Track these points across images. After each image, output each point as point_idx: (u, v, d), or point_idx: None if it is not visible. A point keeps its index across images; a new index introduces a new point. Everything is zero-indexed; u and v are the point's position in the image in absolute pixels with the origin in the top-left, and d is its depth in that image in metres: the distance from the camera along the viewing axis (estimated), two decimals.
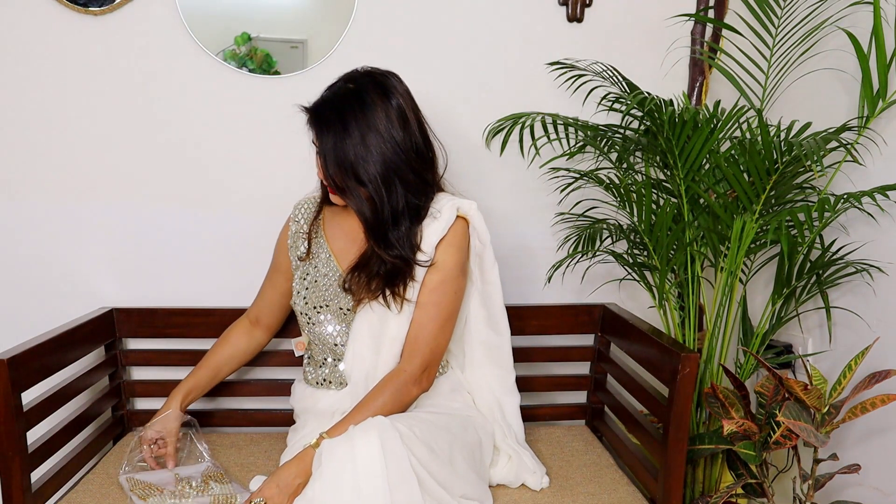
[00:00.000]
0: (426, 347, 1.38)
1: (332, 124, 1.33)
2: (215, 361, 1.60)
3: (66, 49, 1.71)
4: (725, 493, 1.47)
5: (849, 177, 1.57)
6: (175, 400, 1.52)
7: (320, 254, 1.48)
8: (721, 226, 1.56)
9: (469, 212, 1.42)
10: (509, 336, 1.54)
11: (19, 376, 1.32)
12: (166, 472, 1.43)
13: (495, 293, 1.51)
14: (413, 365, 1.37)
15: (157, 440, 1.47)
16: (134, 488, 1.37)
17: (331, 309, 1.43)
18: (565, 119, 1.67)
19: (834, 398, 1.41)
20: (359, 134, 1.31)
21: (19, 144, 1.74)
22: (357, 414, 1.30)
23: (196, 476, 1.42)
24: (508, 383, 1.55)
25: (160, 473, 1.43)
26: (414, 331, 1.38)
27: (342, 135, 1.32)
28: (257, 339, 1.64)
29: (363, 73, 1.39)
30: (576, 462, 1.60)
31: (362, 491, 1.13)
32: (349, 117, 1.32)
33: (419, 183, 1.37)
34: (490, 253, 1.48)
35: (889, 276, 1.49)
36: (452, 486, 1.25)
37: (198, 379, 1.57)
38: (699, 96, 1.86)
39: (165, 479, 1.40)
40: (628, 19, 1.85)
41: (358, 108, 1.32)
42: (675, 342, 1.47)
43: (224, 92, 1.77)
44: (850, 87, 1.59)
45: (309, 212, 1.54)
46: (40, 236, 1.78)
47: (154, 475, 1.42)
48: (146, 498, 1.34)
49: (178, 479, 1.40)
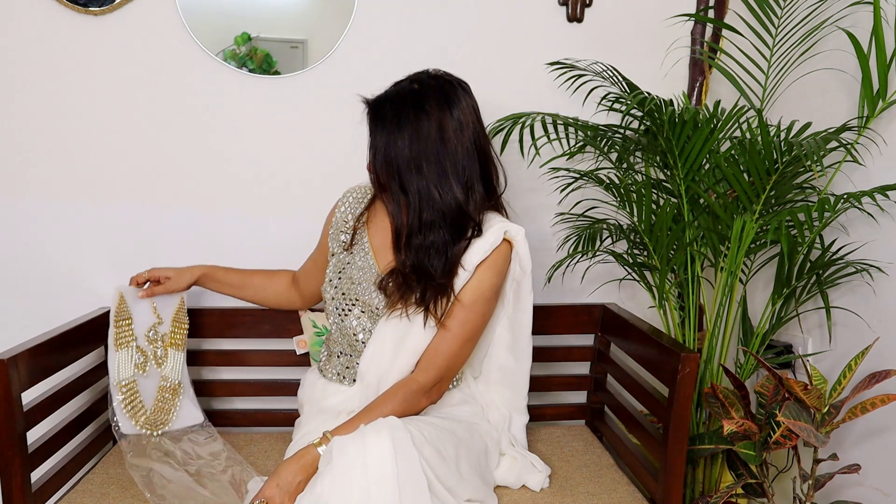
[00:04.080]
0: (444, 363, 1.37)
1: (387, 122, 1.32)
2: (249, 276, 1.65)
3: (66, 49, 1.71)
4: (725, 493, 1.46)
5: (849, 177, 1.57)
6: (197, 268, 1.60)
7: (360, 247, 1.47)
8: (721, 226, 1.56)
9: (516, 237, 1.40)
10: (529, 364, 1.53)
11: (19, 376, 1.32)
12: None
13: (525, 320, 1.49)
14: (427, 377, 1.36)
15: (160, 277, 1.57)
16: (117, 335, 1.56)
17: (361, 303, 1.42)
18: (565, 119, 1.67)
19: (834, 398, 1.41)
20: (408, 139, 1.30)
21: (19, 144, 1.74)
22: (365, 415, 1.30)
23: (166, 327, 1.60)
24: (519, 406, 1.56)
25: (139, 322, 1.59)
26: (435, 343, 1.37)
27: (395, 135, 1.31)
28: (291, 295, 1.67)
29: (432, 77, 1.37)
30: (576, 462, 1.60)
31: (371, 490, 1.13)
32: (404, 119, 1.31)
33: (464, 201, 1.34)
34: (529, 281, 1.46)
35: (889, 276, 1.49)
36: (458, 490, 1.25)
37: (226, 272, 1.63)
38: (699, 96, 1.86)
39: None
40: (628, 19, 1.85)
41: (413, 113, 1.31)
42: (675, 342, 1.47)
43: (224, 92, 1.77)
44: (850, 87, 1.59)
45: (357, 202, 1.52)
46: (40, 236, 1.78)
47: (136, 322, 1.59)
48: (120, 347, 1.56)
49: (154, 309, 1.60)
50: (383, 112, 1.33)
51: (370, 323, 1.42)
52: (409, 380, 1.36)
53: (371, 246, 1.46)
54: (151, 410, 1.55)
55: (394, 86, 1.38)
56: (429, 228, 1.33)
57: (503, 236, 1.38)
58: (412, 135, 1.31)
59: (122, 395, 1.53)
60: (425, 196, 1.32)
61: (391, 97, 1.35)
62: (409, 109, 1.31)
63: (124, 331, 1.56)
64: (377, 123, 1.34)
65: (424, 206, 1.32)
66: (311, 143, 1.82)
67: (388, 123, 1.32)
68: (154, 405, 1.56)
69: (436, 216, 1.33)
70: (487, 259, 1.36)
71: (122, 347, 1.55)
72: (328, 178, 1.82)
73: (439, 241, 1.33)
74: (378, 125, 1.33)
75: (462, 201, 1.33)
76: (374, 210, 1.51)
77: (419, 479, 1.17)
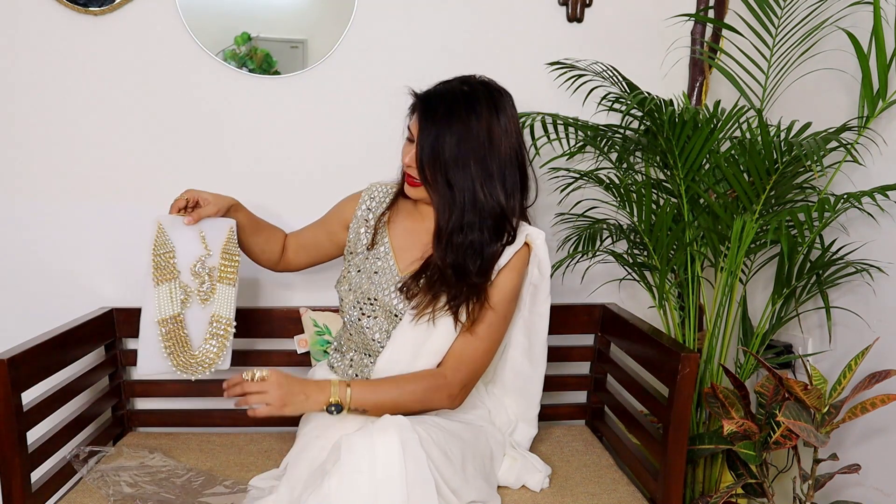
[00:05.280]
0: (471, 365, 1.37)
1: (437, 117, 1.32)
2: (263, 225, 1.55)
3: (66, 49, 1.71)
4: (725, 493, 1.47)
5: (849, 177, 1.57)
6: (230, 197, 1.47)
7: (381, 247, 1.46)
8: (721, 226, 1.56)
9: (536, 240, 1.41)
10: (544, 370, 1.55)
11: (19, 376, 1.32)
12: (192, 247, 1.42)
13: (542, 325, 1.50)
14: (456, 376, 1.35)
15: (199, 199, 1.42)
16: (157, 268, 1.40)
17: (379, 304, 1.41)
18: (565, 119, 1.67)
19: (834, 398, 1.41)
20: (458, 136, 1.31)
21: (19, 144, 1.74)
22: (387, 385, 1.30)
23: (215, 260, 1.44)
24: (529, 416, 1.57)
25: (184, 254, 1.43)
26: (462, 345, 1.36)
27: (445, 130, 1.31)
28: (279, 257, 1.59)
29: (480, 82, 1.38)
30: (576, 462, 1.60)
31: (379, 490, 1.13)
32: (456, 117, 1.31)
33: (505, 205, 1.35)
34: (547, 286, 1.47)
35: (889, 276, 1.49)
36: (463, 493, 1.25)
37: (249, 211, 1.52)
38: (699, 96, 1.86)
39: (187, 259, 1.42)
40: (628, 19, 1.85)
41: (465, 112, 1.31)
42: (675, 342, 1.47)
43: (224, 92, 1.77)
44: (850, 87, 1.59)
45: (380, 200, 1.51)
46: (40, 236, 1.78)
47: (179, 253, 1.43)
48: (160, 282, 1.40)
49: (203, 239, 1.43)
50: (434, 106, 1.33)
51: (387, 324, 1.41)
52: (439, 373, 1.36)
53: (392, 247, 1.46)
54: (199, 350, 1.43)
55: (442, 84, 1.38)
56: (470, 228, 1.34)
57: (524, 240, 1.39)
58: (462, 133, 1.31)
59: (163, 331, 1.40)
60: (470, 195, 1.32)
61: (442, 93, 1.35)
62: (460, 107, 1.32)
63: (166, 263, 1.41)
64: (427, 116, 1.33)
65: (469, 204, 1.33)
66: (311, 142, 1.82)
67: (440, 118, 1.32)
68: (202, 344, 1.44)
69: (478, 216, 1.33)
70: (509, 262, 1.37)
71: (162, 282, 1.40)
72: (328, 177, 1.82)
73: (478, 242, 1.34)
74: (428, 118, 1.33)
75: (504, 205, 1.35)
76: (397, 210, 1.50)
77: (427, 480, 1.17)
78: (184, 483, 1.44)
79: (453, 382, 1.35)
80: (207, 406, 1.79)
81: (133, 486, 1.40)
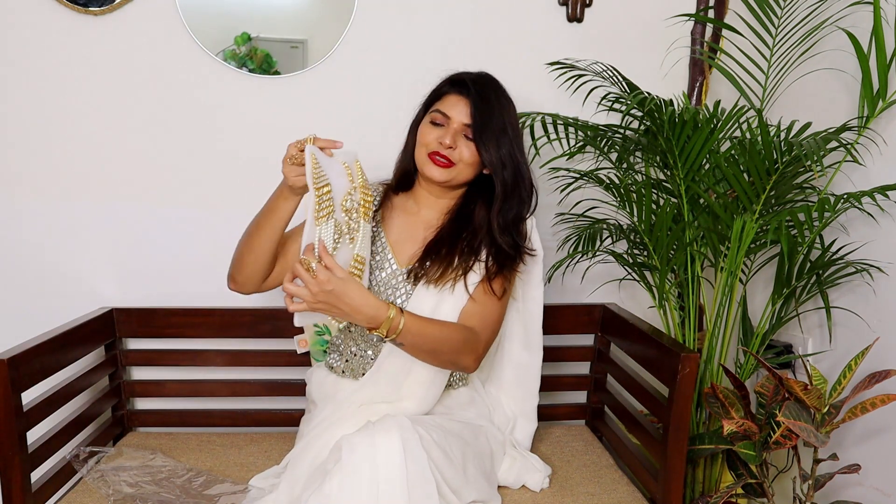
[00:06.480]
0: (492, 326, 1.41)
1: (490, 96, 1.38)
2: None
3: (66, 49, 1.71)
4: (725, 493, 1.47)
5: (849, 177, 1.57)
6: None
7: (376, 245, 1.46)
8: (721, 226, 1.56)
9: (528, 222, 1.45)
10: (541, 358, 1.57)
11: (19, 376, 1.32)
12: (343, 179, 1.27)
13: (536, 310, 1.54)
14: (482, 336, 1.38)
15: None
16: (320, 204, 1.20)
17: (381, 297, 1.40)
18: (565, 119, 1.67)
19: (834, 398, 1.41)
20: (511, 115, 1.40)
21: (19, 144, 1.74)
22: (434, 325, 1.30)
23: (357, 195, 1.30)
24: (528, 408, 1.58)
25: (337, 188, 1.25)
26: (483, 304, 1.38)
27: (499, 110, 1.38)
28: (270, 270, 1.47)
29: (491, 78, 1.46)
30: (576, 462, 1.60)
31: (381, 490, 1.13)
32: (502, 98, 1.40)
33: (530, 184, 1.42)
34: (539, 270, 1.51)
35: (889, 276, 1.49)
36: (463, 493, 1.25)
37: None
38: (699, 96, 1.86)
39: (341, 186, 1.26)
40: (628, 19, 1.85)
41: (503, 95, 1.41)
42: (675, 342, 1.47)
43: (224, 92, 1.77)
44: (850, 87, 1.59)
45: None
46: (40, 236, 1.78)
47: (334, 188, 1.23)
48: (323, 219, 1.20)
49: (348, 170, 1.28)
50: (487, 85, 1.40)
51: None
52: (471, 328, 1.37)
53: (388, 242, 1.45)
54: None
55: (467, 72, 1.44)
56: (520, 201, 1.41)
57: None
58: (512, 112, 1.41)
59: None
60: (515, 166, 1.39)
61: (483, 77, 1.43)
62: (500, 90, 1.41)
63: (326, 199, 1.22)
64: (483, 95, 1.38)
65: (519, 178, 1.40)
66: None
67: (493, 98, 1.39)
68: None
69: (524, 190, 1.41)
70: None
71: (322, 220, 1.21)
72: None
73: (518, 213, 1.41)
74: (484, 97, 1.38)
75: (532, 182, 1.43)
76: (389, 207, 1.50)
77: (428, 481, 1.17)
78: (184, 483, 1.44)
79: (480, 341, 1.37)
80: (207, 406, 1.79)
81: (133, 486, 1.41)
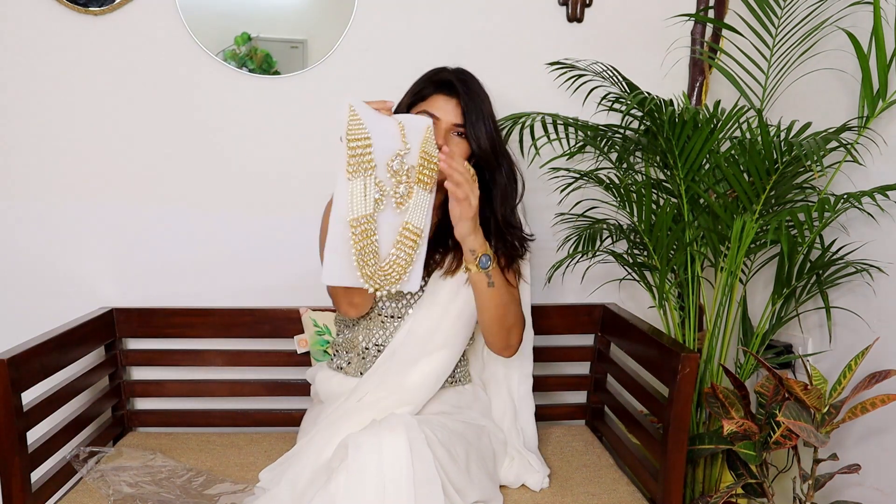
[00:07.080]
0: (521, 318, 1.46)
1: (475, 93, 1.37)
2: None
3: (66, 49, 1.71)
4: (725, 493, 1.46)
5: (849, 177, 1.57)
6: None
7: None
8: (721, 226, 1.56)
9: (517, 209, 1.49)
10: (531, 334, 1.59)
11: (19, 376, 1.32)
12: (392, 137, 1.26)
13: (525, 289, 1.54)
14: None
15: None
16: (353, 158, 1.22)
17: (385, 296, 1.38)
18: (565, 119, 1.67)
19: (834, 398, 1.41)
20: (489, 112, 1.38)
21: (19, 144, 1.74)
22: (501, 292, 1.34)
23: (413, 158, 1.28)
24: (526, 370, 1.58)
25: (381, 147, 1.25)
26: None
27: (484, 105, 1.37)
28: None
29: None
30: (576, 462, 1.60)
31: (387, 489, 1.13)
32: (482, 92, 1.38)
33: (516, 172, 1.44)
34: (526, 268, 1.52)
35: (889, 276, 1.49)
36: (467, 492, 1.26)
37: None
38: (699, 96, 1.86)
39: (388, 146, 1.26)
40: (628, 19, 1.85)
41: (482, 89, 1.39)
42: (675, 342, 1.47)
43: (224, 92, 1.77)
44: (850, 87, 1.59)
45: None
46: (40, 236, 1.78)
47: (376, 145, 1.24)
48: (354, 175, 1.22)
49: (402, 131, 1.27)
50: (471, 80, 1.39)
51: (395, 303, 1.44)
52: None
53: None
54: (386, 261, 1.27)
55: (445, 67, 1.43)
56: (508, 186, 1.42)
57: None
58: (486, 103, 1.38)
59: (357, 231, 1.22)
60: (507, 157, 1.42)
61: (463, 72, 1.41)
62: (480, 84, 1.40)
63: (361, 155, 1.22)
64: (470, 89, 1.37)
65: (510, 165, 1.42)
66: (310, 142, 1.82)
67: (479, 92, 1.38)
68: (390, 255, 1.27)
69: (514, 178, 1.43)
70: None
71: (356, 175, 1.21)
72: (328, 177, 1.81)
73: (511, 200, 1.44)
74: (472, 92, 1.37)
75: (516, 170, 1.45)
76: None
77: (433, 480, 1.17)
78: (184, 483, 1.44)
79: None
80: (207, 406, 1.80)
81: (133, 486, 1.41)
